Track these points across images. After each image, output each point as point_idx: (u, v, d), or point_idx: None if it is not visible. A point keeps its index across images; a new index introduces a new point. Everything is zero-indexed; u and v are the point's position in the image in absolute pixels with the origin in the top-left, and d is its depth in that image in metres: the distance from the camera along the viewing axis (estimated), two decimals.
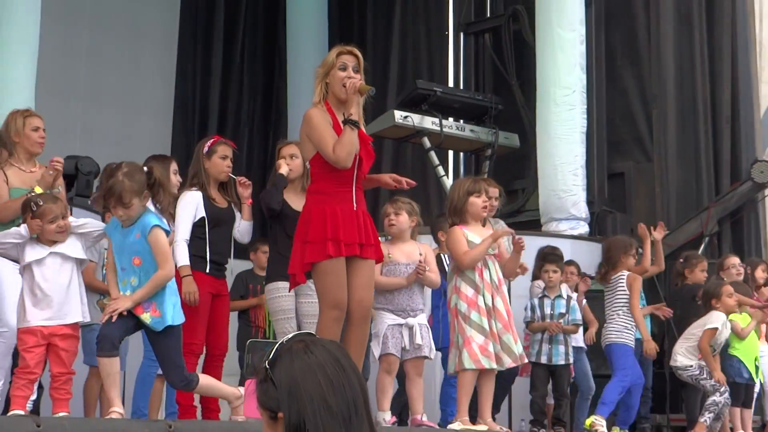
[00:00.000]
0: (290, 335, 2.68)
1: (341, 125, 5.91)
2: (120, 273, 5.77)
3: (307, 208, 6.12)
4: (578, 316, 8.54)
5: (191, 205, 6.76)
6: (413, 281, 6.96)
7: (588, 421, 7.96)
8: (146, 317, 5.66)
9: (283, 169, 6.89)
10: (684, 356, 8.46)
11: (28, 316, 5.69)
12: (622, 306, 8.41)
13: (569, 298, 8.53)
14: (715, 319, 8.38)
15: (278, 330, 6.89)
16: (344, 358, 2.62)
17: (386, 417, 6.50)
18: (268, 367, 2.58)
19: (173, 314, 5.73)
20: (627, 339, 8.33)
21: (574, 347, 8.59)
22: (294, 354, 2.58)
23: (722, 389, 8.37)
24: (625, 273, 8.43)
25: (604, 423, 7.96)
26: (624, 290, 8.40)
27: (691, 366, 8.43)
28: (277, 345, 2.64)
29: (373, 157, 6.28)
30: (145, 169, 5.90)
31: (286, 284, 6.52)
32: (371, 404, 2.73)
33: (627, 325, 8.34)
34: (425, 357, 6.80)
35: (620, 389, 8.22)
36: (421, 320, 6.83)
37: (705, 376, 8.38)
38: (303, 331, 2.75)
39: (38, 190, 6.41)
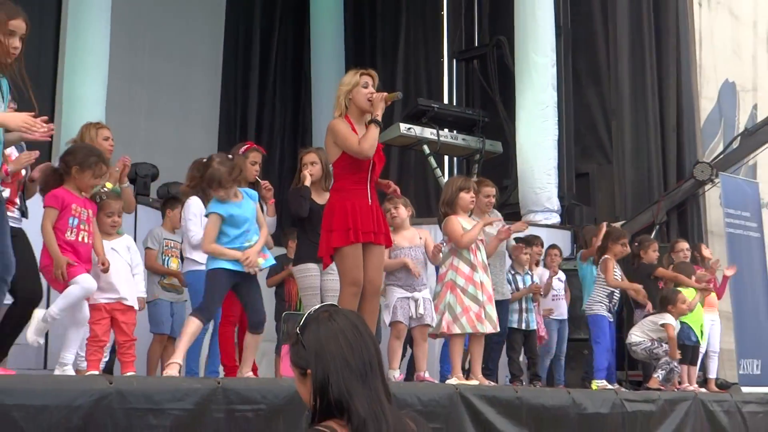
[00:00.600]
0: (317, 306, 2.65)
1: (357, 130, 5.95)
2: (241, 236, 5.72)
3: (330, 203, 6.13)
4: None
5: None
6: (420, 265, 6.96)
7: (594, 385, 7.93)
8: (261, 261, 5.76)
9: (307, 182, 6.84)
10: (636, 335, 8.42)
11: (94, 295, 5.67)
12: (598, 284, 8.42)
13: (531, 274, 8.52)
14: (669, 319, 8.33)
15: (306, 303, 6.86)
16: (361, 325, 2.59)
17: (395, 374, 6.47)
18: (299, 332, 2.57)
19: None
20: (603, 311, 8.30)
21: (558, 319, 8.57)
22: (320, 321, 2.56)
23: (657, 346, 8.38)
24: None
25: (605, 383, 7.99)
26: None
27: (643, 341, 8.38)
28: (306, 314, 2.62)
29: (384, 161, 6.28)
30: (230, 156, 5.95)
31: (313, 265, 6.58)
32: (384, 364, 2.68)
33: (606, 297, 8.33)
34: (428, 325, 6.76)
35: (606, 355, 8.22)
36: (425, 294, 6.77)
37: (656, 345, 8.32)
38: (327, 303, 2.71)
39: (109, 185, 6.38)
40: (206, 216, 5.84)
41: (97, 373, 5.58)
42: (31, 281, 5.44)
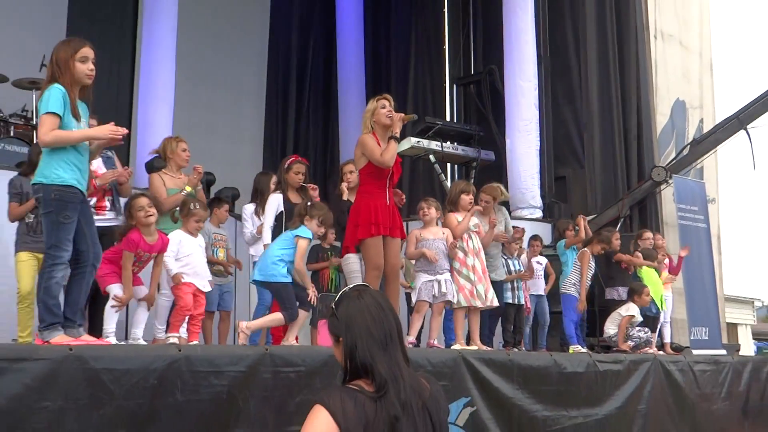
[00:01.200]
0: (349, 286, 2.67)
1: (381, 144, 6.06)
2: None
3: (357, 202, 6.23)
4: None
5: (275, 203, 6.75)
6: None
7: (571, 349, 7.92)
8: None
9: (345, 196, 6.92)
10: (611, 328, 8.39)
11: (187, 279, 5.78)
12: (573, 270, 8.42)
13: (518, 259, 8.44)
14: (632, 309, 8.31)
15: (351, 284, 6.85)
16: (384, 302, 2.60)
17: (410, 338, 6.45)
18: (334, 307, 2.59)
19: None
20: (573, 291, 8.29)
21: (536, 294, 8.54)
22: (351, 299, 2.58)
23: (640, 331, 8.35)
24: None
25: (578, 347, 7.98)
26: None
27: (616, 333, 8.36)
28: (341, 292, 2.64)
29: (401, 171, 6.43)
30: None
31: (354, 255, 6.59)
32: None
33: (575, 282, 8.32)
34: (449, 301, 6.72)
35: (574, 326, 8.20)
36: (446, 277, 6.68)
37: (628, 332, 8.29)
38: (359, 284, 2.72)
39: (188, 188, 6.47)
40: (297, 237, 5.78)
41: (177, 334, 5.68)
42: None
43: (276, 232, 6.61)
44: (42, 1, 11.29)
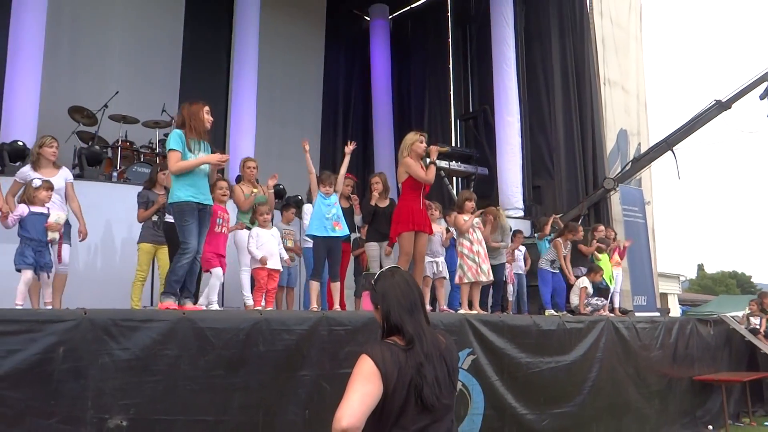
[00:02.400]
0: (385, 268, 2.64)
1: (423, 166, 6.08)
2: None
3: (399, 206, 6.20)
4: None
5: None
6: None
7: (546, 313, 7.78)
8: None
9: (374, 201, 6.77)
10: (574, 299, 8.24)
11: (262, 260, 5.77)
12: (548, 251, 8.28)
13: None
14: (586, 282, 8.20)
15: (370, 265, 6.82)
16: (411, 280, 2.57)
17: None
18: (374, 282, 2.57)
19: None
20: (546, 267, 8.16)
21: (517, 273, 8.37)
22: (386, 277, 2.56)
23: (597, 300, 8.22)
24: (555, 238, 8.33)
25: (552, 311, 7.84)
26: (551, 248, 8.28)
27: (576, 301, 8.24)
28: (379, 272, 2.61)
29: (431, 185, 6.28)
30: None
31: (375, 244, 6.57)
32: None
33: (551, 261, 8.18)
34: (444, 277, 6.69)
35: (547, 294, 8.05)
36: (441, 260, 6.72)
37: (586, 300, 8.16)
38: (392, 266, 2.69)
39: (254, 190, 6.47)
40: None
41: (258, 308, 5.64)
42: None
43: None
44: (161, 62, 11.39)
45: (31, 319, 3.34)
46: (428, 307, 6.31)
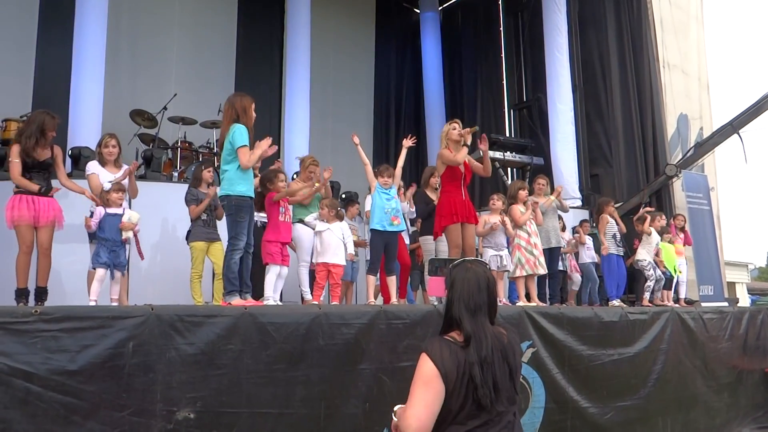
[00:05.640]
0: (465, 258, 2.63)
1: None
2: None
3: (440, 199, 6.12)
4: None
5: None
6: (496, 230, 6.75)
7: (610, 304, 7.54)
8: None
9: (430, 195, 6.78)
10: (641, 255, 8.00)
11: (320, 258, 5.80)
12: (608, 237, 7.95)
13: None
14: (653, 240, 7.95)
15: (425, 258, 6.79)
16: (483, 280, 2.48)
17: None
18: (450, 269, 2.57)
19: None
20: (613, 247, 7.84)
21: (586, 264, 8.08)
22: (462, 268, 2.53)
23: (655, 277, 7.95)
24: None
25: (616, 302, 7.59)
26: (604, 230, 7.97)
27: (645, 260, 7.96)
28: (458, 261, 2.58)
29: (471, 174, 6.19)
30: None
31: (430, 237, 6.56)
32: None
33: (611, 235, 7.87)
34: (507, 270, 6.59)
35: (614, 284, 7.81)
36: (505, 253, 6.59)
37: (649, 268, 7.92)
38: (473, 258, 2.67)
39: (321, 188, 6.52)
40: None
41: (317, 303, 5.64)
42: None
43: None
44: (217, 63, 11.62)
45: (102, 315, 3.46)
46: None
